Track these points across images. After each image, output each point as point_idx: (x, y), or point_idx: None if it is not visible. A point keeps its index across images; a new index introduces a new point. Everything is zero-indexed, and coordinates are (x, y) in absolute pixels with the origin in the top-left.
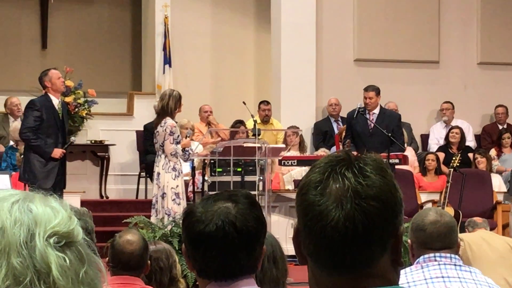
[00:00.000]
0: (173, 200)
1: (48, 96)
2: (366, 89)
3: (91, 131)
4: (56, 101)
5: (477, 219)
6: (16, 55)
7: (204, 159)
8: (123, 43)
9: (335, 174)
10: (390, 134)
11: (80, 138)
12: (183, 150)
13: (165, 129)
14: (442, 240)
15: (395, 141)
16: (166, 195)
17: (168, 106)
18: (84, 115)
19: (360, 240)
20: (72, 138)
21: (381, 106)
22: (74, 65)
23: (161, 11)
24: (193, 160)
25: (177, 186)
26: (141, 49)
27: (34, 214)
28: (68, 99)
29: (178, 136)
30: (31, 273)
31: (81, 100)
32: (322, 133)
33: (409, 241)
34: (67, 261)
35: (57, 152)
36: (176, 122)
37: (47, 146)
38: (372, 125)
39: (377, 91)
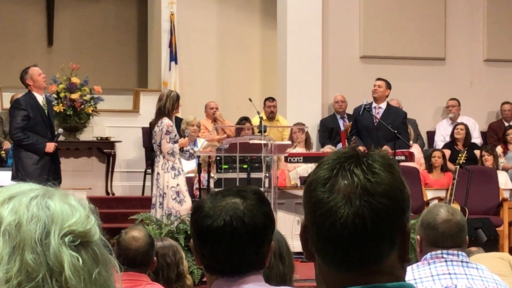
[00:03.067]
0: (174, 199)
1: (31, 93)
2: (377, 79)
3: (97, 128)
4: (40, 98)
5: (472, 248)
6: (22, 52)
7: (209, 156)
8: (129, 40)
9: (344, 171)
10: (395, 131)
11: (86, 135)
12: (181, 149)
13: (161, 129)
14: (454, 239)
15: (400, 137)
16: (166, 194)
17: (165, 107)
18: (90, 112)
19: (369, 237)
20: (60, 130)
21: (388, 103)
22: (80, 62)
23: (167, 8)
24: (199, 157)
25: (177, 184)
26: (147, 46)
27: (51, 211)
28: (74, 96)
29: (176, 135)
30: (44, 270)
31: (87, 97)
32: (328, 130)
33: (417, 237)
34: (80, 261)
35: (50, 146)
36: (182, 119)
37: (39, 143)
38: (377, 119)
39: (387, 83)
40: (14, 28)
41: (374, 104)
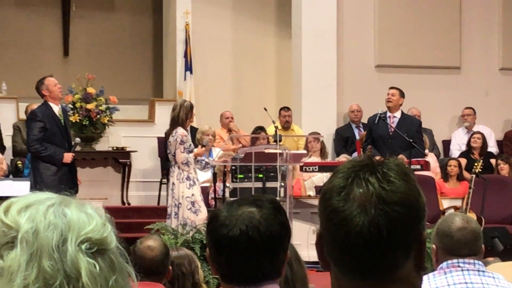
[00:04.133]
0: (189, 209)
1: (47, 104)
2: (391, 88)
3: (112, 138)
4: (56, 108)
5: (489, 259)
6: (38, 63)
7: (225, 166)
8: (144, 50)
9: (359, 179)
10: (411, 140)
11: (102, 145)
12: (196, 159)
13: (176, 139)
14: (469, 247)
15: (416, 146)
16: (181, 204)
17: (179, 117)
18: (106, 122)
19: (384, 245)
20: (77, 139)
21: (402, 111)
22: (96, 72)
23: (182, 18)
24: (214, 167)
25: (193, 194)
26: (162, 56)
27: (68, 218)
28: (90, 106)
29: (190, 145)
30: (61, 277)
31: (103, 107)
32: (344, 139)
33: (433, 246)
34: (97, 268)
35: (68, 157)
36: (197, 129)
37: (57, 154)
38: (392, 128)
39: (401, 92)
40: (30, 39)
41: (388, 113)
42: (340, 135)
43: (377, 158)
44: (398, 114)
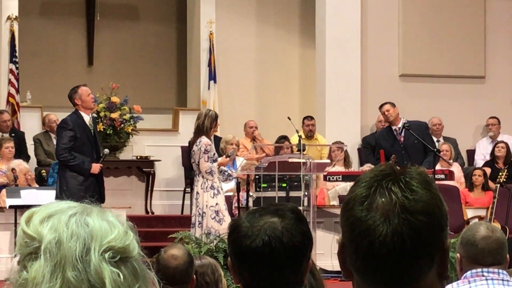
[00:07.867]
0: (213, 218)
1: (79, 113)
2: (380, 107)
3: (136, 147)
4: (87, 117)
5: None
6: (62, 72)
7: (248, 175)
8: (168, 59)
9: (382, 188)
10: (435, 150)
11: (126, 154)
12: (219, 168)
13: (200, 148)
14: (494, 256)
15: (431, 148)
16: (206, 214)
17: (204, 125)
18: (130, 131)
19: (408, 254)
20: (106, 150)
21: (403, 119)
22: (120, 81)
23: (206, 27)
24: (237, 178)
25: (217, 204)
26: (186, 65)
27: (90, 228)
28: (114, 115)
29: (214, 154)
30: (85, 287)
31: (127, 116)
32: (371, 147)
33: (458, 255)
34: (121, 276)
35: (96, 168)
36: (221, 138)
37: (85, 164)
38: (402, 139)
39: (391, 103)
40: (54, 48)
41: (393, 127)
42: (368, 143)
43: (399, 167)
44: (401, 125)
